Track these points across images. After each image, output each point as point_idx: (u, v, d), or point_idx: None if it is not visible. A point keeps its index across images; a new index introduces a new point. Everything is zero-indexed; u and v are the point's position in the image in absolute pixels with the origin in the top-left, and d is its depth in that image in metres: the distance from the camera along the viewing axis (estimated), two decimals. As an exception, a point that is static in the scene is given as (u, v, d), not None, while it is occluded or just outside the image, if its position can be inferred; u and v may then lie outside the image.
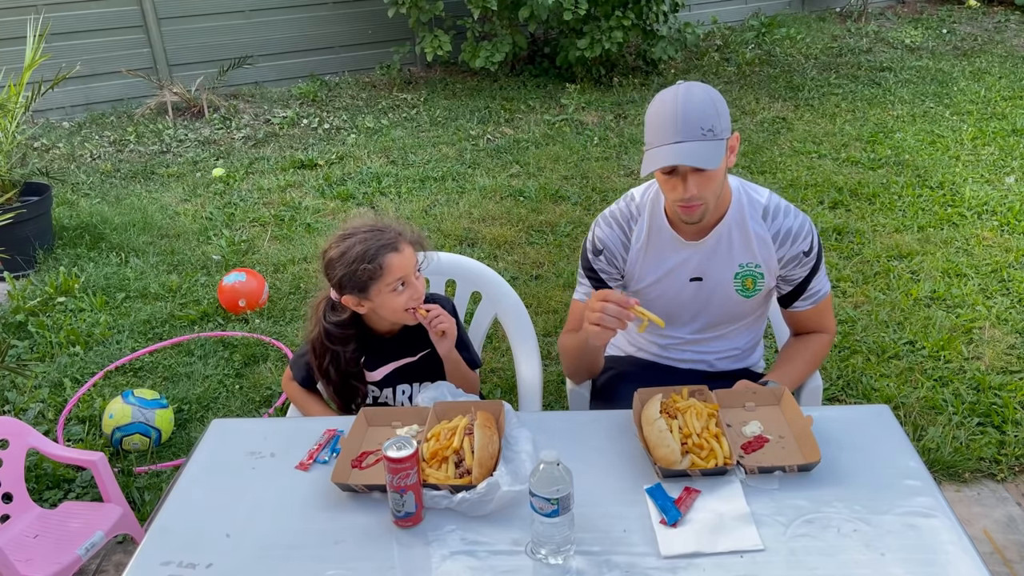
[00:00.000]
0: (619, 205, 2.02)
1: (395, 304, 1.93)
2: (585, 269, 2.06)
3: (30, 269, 4.27)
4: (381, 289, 1.90)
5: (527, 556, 1.45)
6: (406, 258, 1.92)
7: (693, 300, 2.02)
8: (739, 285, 1.98)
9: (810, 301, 2.03)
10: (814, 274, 1.99)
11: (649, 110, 1.82)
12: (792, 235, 1.93)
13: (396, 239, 1.92)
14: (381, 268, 1.88)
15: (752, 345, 2.19)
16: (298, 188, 5.22)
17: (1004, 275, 3.84)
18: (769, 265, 1.96)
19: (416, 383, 2.09)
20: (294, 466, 1.71)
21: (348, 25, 7.35)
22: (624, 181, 5.10)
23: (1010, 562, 2.39)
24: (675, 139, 1.74)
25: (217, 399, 3.24)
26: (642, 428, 1.68)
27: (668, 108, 1.76)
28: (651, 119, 1.80)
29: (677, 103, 1.75)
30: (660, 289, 2.01)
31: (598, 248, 2.01)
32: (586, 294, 2.06)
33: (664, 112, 1.77)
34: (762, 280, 1.98)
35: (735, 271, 1.97)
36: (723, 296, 2.00)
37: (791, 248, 1.94)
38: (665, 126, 1.76)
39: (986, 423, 2.93)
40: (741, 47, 7.83)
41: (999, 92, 6.36)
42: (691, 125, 1.73)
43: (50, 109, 6.55)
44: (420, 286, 1.96)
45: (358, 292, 1.92)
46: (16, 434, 2.38)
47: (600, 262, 2.02)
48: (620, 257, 2.00)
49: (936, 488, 1.57)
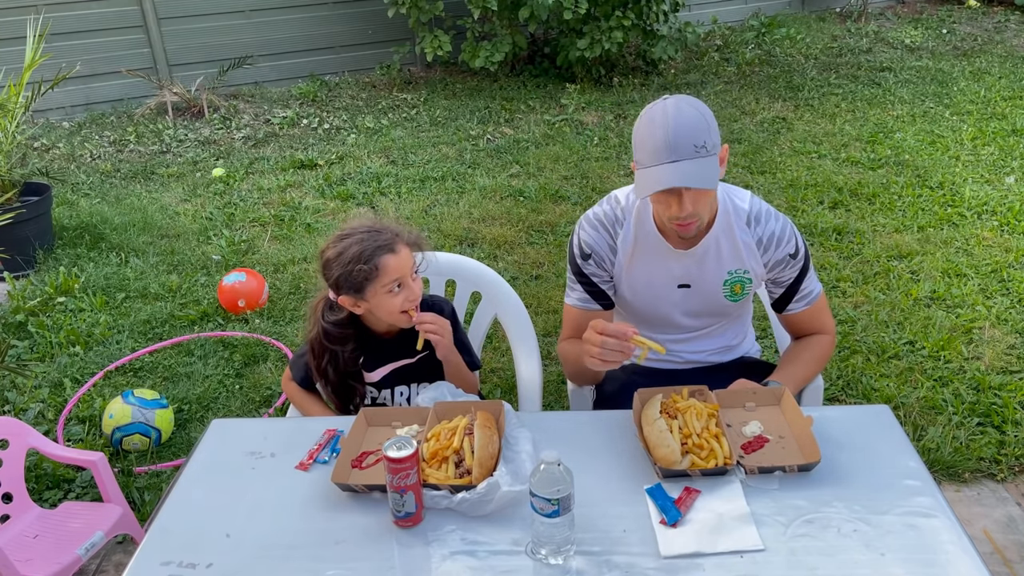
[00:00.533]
0: (603, 207, 1.99)
1: (391, 306, 1.93)
2: (575, 274, 2.03)
3: (30, 269, 4.27)
4: (377, 290, 1.90)
5: (527, 556, 1.46)
6: (402, 259, 1.92)
7: (681, 303, 2.02)
8: (728, 291, 1.99)
9: (804, 302, 2.03)
10: (804, 275, 1.99)
11: (638, 127, 1.78)
12: (775, 239, 1.94)
13: (393, 240, 1.92)
14: (376, 269, 1.88)
15: (741, 338, 2.19)
16: (298, 188, 5.22)
17: (1004, 275, 3.84)
18: (756, 271, 1.97)
19: (415, 384, 2.09)
20: (294, 466, 1.71)
21: (348, 25, 7.35)
22: (624, 181, 5.10)
23: (1010, 562, 2.39)
24: (669, 159, 1.70)
25: (217, 399, 3.24)
26: (642, 428, 1.68)
27: (658, 126, 1.71)
28: (641, 138, 1.76)
29: (667, 120, 1.71)
30: (648, 295, 2.01)
31: (586, 252, 1.99)
32: (579, 299, 2.04)
33: (655, 131, 1.72)
34: (750, 284, 1.99)
35: (724, 279, 1.97)
36: (711, 301, 2.01)
37: (776, 252, 1.94)
38: (657, 145, 1.71)
39: (986, 423, 2.93)
40: (741, 47, 7.83)
41: (999, 92, 6.36)
42: (684, 143, 1.70)
43: (50, 109, 6.55)
44: (416, 288, 1.96)
45: (354, 293, 1.92)
46: (16, 434, 2.38)
47: (590, 266, 2.00)
48: (608, 260, 1.99)
49: (936, 488, 1.57)
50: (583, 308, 2.04)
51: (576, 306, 2.06)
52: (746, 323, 2.21)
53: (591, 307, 2.04)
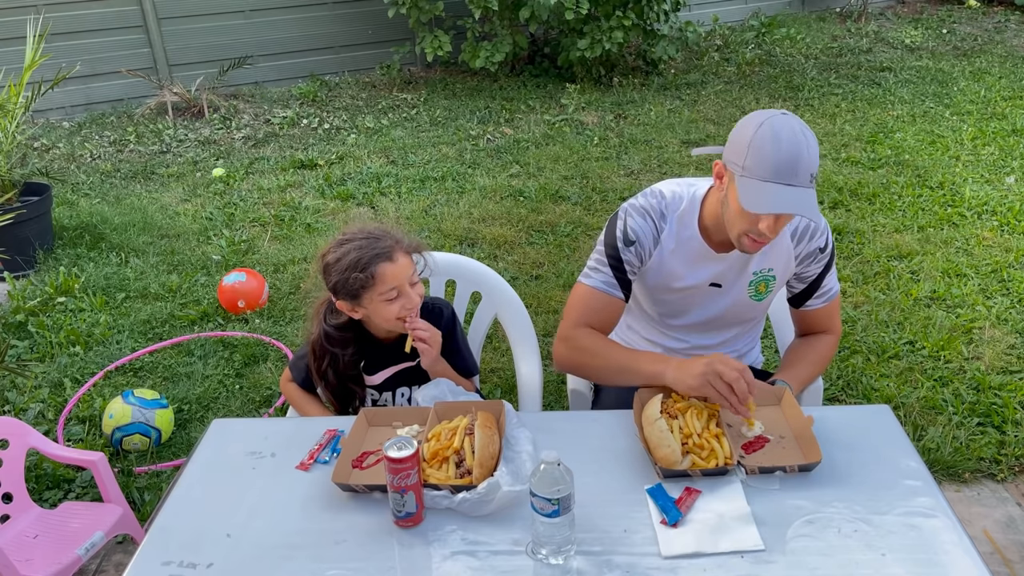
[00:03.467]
0: (648, 200, 1.96)
1: (387, 313, 1.92)
2: (610, 257, 1.96)
3: (30, 269, 4.27)
4: (373, 298, 1.90)
5: (528, 556, 1.45)
6: (400, 268, 1.90)
7: (706, 301, 2.02)
8: (752, 291, 1.99)
9: (823, 299, 2.03)
10: (827, 270, 1.99)
11: (757, 136, 1.69)
12: (810, 231, 1.94)
13: (391, 248, 1.90)
14: (373, 278, 1.87)
15: (750, 347, 2.21)
16: (298, 188, 5.22)
17: (1004, 275, 3.84)
18: (786, 266, 1.96)
19: (416, 386, 2.08)
20: (295, 466, 1.71)
21: (348, 25, 7.35)
22: (624, 181, 5.10)
23: (1010, 562, 2.39)
24: (789, 181, 1.67)
25: (217, 399, 3.24)
26: (643, 428, 1.68)
27: (786, 144, 1.67)
28: (764, 151, 1.69)
29: (797, 142, 1.67)
30: (678, 288, 2.00)
31: (630, 239, 1.95)
32: (604, 282, 1.97)
33: (781, 147, 1.67)
34: (773, 282, 1.99)
35: (750, 278, 1.97)
36: (736, 300, 2.01)
37: (808, 244, 1.94)
38: (780, 165, 1.67)
39: (986, 423, 2.93)
40: (741, 47, 7.83)
41: (999, 92, 6.36)
42: (804, 170, 1.67)
43: (50, 109, 6.55)
44: (415, 295, 1.94)
45: (351, 299, 1.92)
46: (16, 434, 2.38)
47: (629, 253, 1.96)
48: (648, 251, 1.96)
49: (936, 488, 1.57)
50: (605, 292, 1.97)
51: (598, 288, 1.97)
52: (757, 335, 2.21)
53: (614, 293, 1.97)
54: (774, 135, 1.68)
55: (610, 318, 2.01)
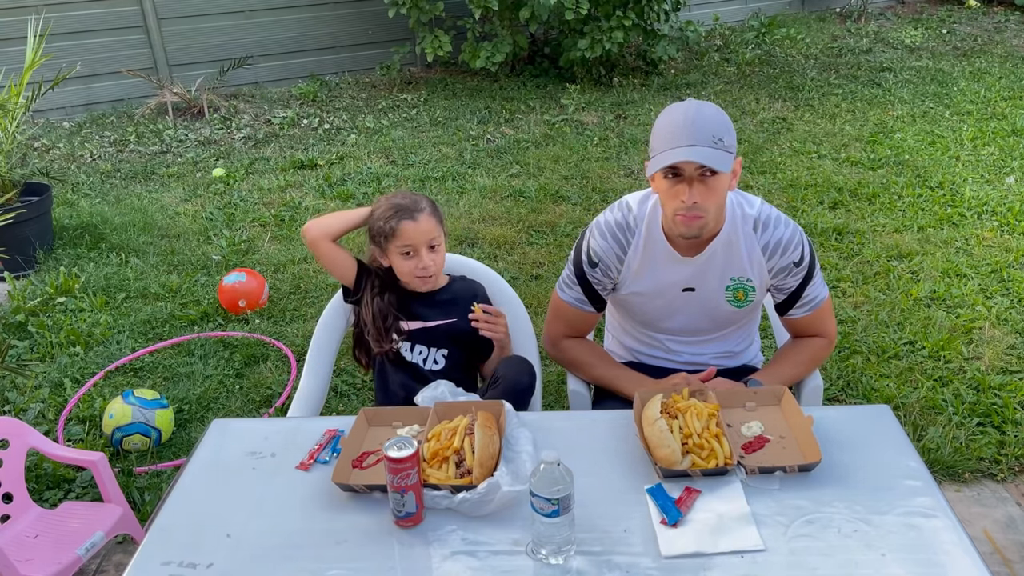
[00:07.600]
0: (614, 214, 2.01)
1: (402, 267, 2.12)
2: (578, 277, 2.06)
3: (30, 269, 4.27)
4: (392, 249, 2.10)
5: (528, 556, 1.46)
6: (420, 228, 2.07)
7: (684, 307, 2.04)
8: (731, 297, 2.00)
9: (806, 308, 2.04)
10: (807, 283, 2.00)
11: (659, 120, 1.83)
12: (782, 246, 1.94)
13: (418, 211, 2.08)
14: (393, 231, 2.07)
15: (746, 345, 2.20)
16: (298, 188, 5.22)
17: (1004, 275, 3.84)
18: (761, 277, 1.98)
19: (433, 348, 2.17)
20: (295, 466, 1.71)
21: (348, 25, 7.35)
22: (624, 181, 5.10)
23: (1010, 562, 2.39)
24: (686, 143, 1.74)
25: (217, 399, 3.24)
26: (643, 428, 1.68)
27: (679, 117, 1.77)
28: (661, 127, 1.80)
29: (689, 113, 1.76)
30: (652, 297, 2.03)
31: (593, 261, 2.01)
32: (575, 299, 2.08)
33: (675, 120, 1.77)
34: (753, 292, 2.00)
35: (726, 284, 1.98)
36: (714, 306, 2.02)
37: (781, 259, 1.95)
38: (676, 132, 1.75)
39: (986, 423, 2.93)
40: (741, 47, 7.83)
41: (999, 92, 6.36)
42: (703, 132, 1.74)
43: (50, 109, 6.55)
44: (430, 261, 2.09)
45: (378, 246, 2.14)
46: (16, 434, 2.38)
47: (595, 274, 2.02)
48: (615, 269, 2.01)
49: (936, 488, 1.57)
50: (577, 307, 2.10)
51: (571, 304, 2.10)
52: (752, 331, 2.21)
53: (585, 308, 2.10)
54: (669, 114, 1.81)
55: (586, 326, 2.17)
